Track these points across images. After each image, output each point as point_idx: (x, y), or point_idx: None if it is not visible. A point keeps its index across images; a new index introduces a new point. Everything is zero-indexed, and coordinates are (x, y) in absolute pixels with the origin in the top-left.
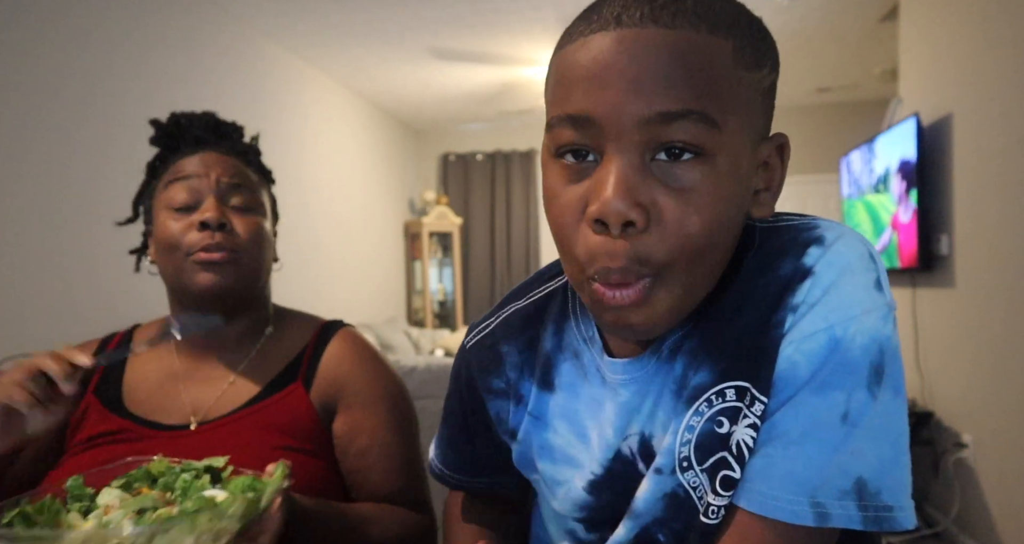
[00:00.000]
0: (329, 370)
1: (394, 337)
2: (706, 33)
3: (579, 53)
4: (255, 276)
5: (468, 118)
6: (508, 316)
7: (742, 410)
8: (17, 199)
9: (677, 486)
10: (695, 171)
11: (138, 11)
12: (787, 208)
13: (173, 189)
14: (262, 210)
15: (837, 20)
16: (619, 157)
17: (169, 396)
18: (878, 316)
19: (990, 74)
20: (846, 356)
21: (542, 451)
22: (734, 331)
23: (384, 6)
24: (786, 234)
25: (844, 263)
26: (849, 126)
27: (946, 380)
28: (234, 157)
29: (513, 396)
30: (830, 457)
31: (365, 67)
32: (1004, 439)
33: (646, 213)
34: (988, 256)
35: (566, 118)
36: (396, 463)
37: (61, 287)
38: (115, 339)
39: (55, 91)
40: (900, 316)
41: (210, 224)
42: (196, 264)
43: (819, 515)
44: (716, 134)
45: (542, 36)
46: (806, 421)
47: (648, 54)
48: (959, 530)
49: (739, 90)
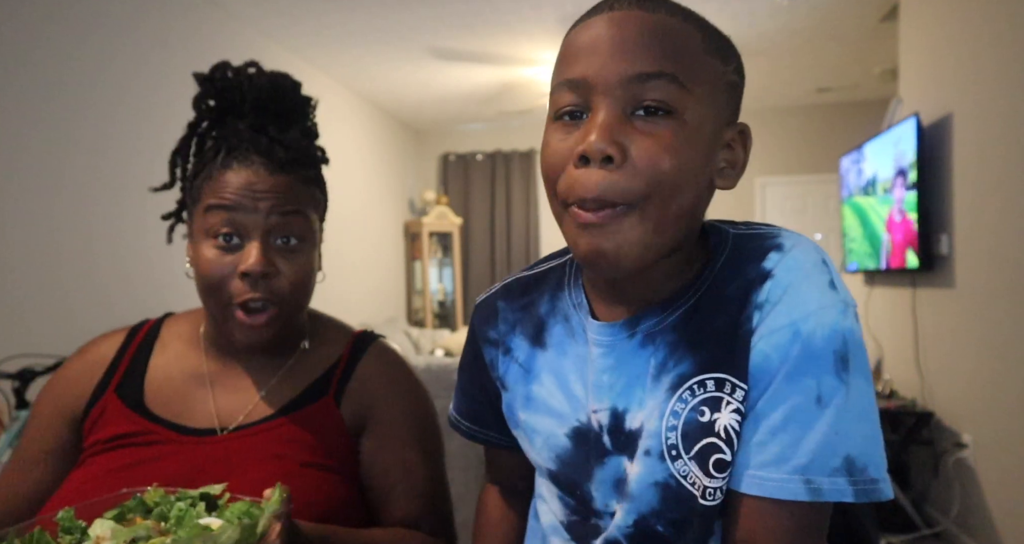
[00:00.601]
0: (361, 386)
1: (394, 337)
2: (680, 20)
3: (579, 33)
4: (297, 312)
5: (468, 118)
6: (510, 282)
7: (723, 399)
8: (17, 200)
9: (668, 476)
10: (667, 124)
11: (138, 11)
12: (787, 208)
13: (214, 217)
14: (311, 238)
15: (837, 20)
16: (604, 109)
17: (195, 399)
18: (836, 311)
19: (990, 74)
20: (810, 347)
21: (527, 402)
22: (712, 329)
23: (384, 6)
24: (753, 242)
25: (800, 267)
26: (849, 126)
27: (946, 380)
28: (286, 172)
29: (502, 347)
30: (813, 437)
31: (365, 67)
32: (1004, 439)
33: (623, 152)
34: (988, 256)
35: (565, 82)
36: (419, 483)
37: (61, 286)
38: (144, 328)
39: (55, 90)
40: (900, 316)
41: (252, 276)
42: (236, 321)
43: (812, 491)
44: (685, 96)
45: (542, 36)
46: (786, 407)
47: (632, 28)
48: (959, 530)
49: (706, 70)
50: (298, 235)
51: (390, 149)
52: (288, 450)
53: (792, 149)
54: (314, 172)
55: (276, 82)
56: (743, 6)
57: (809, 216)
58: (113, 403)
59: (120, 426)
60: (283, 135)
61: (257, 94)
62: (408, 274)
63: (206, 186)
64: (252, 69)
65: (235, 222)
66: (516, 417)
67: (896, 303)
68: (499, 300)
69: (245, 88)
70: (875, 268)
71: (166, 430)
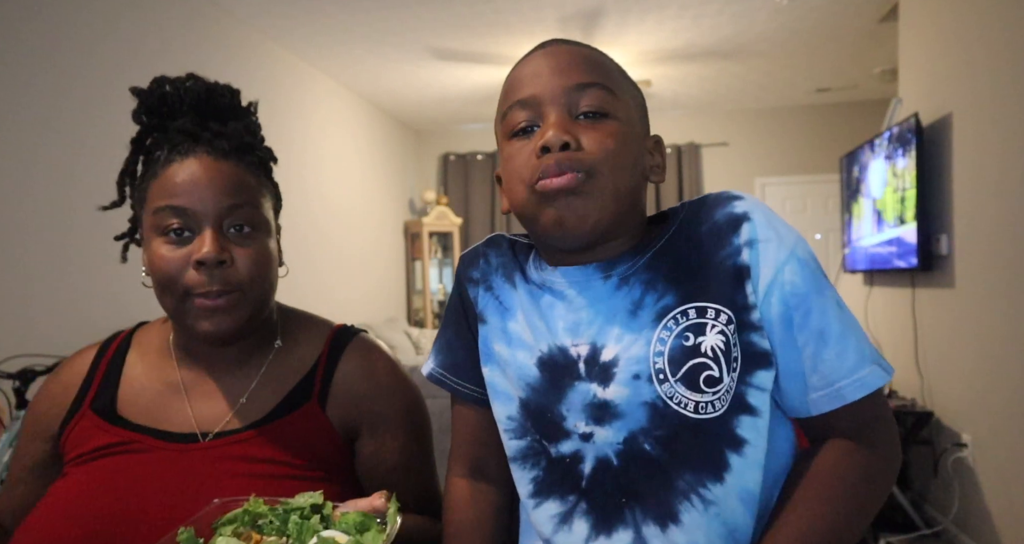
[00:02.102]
0: (346, 388)
1: (394, 337)
2: (600, 54)
3: (521, 67)
4: (262, 305)
5: (468, 118)
6: (495, 236)
7: (707, 324)
8: (21, 200)
9: (656, 397)
10: (606, 122)
11: (139, 12)
12: (787, 208)
13: (162, 214)
14: (265, 226)
15: (837, 20)
16: (554, 113)
17: (171, 407)
18: (802, 238)
19: (989, 74)
20: (810, 266)
21: (503, 334)
22: (688, 265)
23: (384, 6)
24: (709, 198)
25: (764, 210)
26: (849, 126)
27: (946, 380)
28: (232, 161)
29: (483, 283)
30: (859, 329)
31: (365, 67)
32: (1003, 439)
33: (577, 140)
34: (987, 256)
35: (516, 103)
36: (422, 477)
37: (62, 286)
38: (116, 341)
39: (54, 90)
40: (900, 316)
41: (206, 263)
42: (196, 310)
43: (885, 370)
44: (615, 101)
45: (542, 36)
46: (833, 315)
47: (565, 56)
48: (959, 530)
49: (625, 88)
50: (251, 223)
51: (390, 149)
52: (277, 457)
53: (792, 149)
54: (261, 162)
55: (213, 88)
56: (743, 6)
57: (809, 216)
58: (89, 417)
59: (100, 438)
60: (224, 128)
61: (195, 97)
62: (408, 274)
63: (153, 185)
64: (189, 81)
65: (184, 214)
66: (491, 350)
67: (895, 303)
68: (484, 246)
69: (182, 93)
70: None
71: (147, 437)
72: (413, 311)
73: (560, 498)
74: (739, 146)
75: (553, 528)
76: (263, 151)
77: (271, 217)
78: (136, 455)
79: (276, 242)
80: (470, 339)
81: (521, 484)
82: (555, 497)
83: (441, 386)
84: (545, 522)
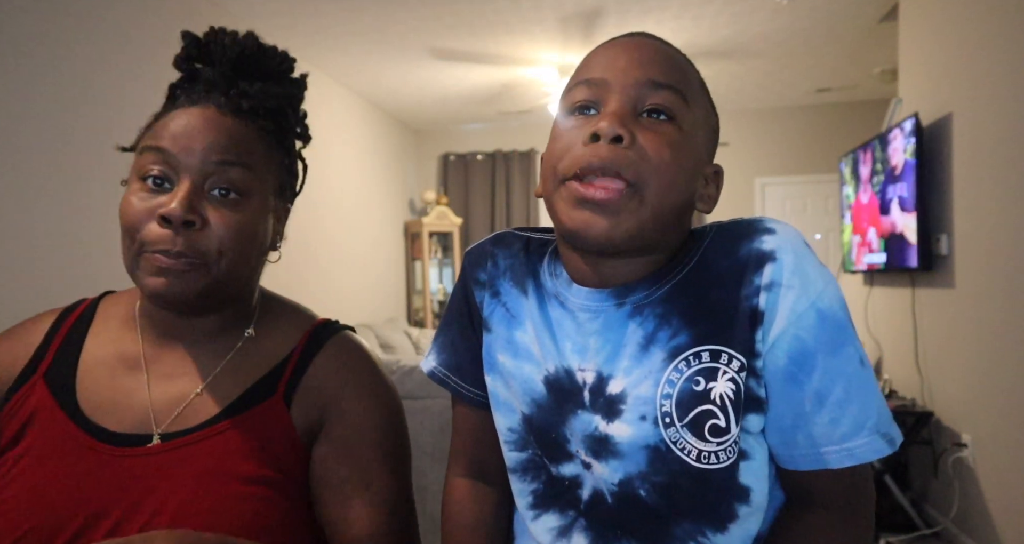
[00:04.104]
0: (315, 385)
1: (394, 337)
2: (686, 60)
3: (601, 49)
4: (229, 281)
5: (468, 118)
6: (503, 234)
7: (719, 369)
8: (21, 198)
9: (659, 441)
10: (669, 126)
11: (138, 11)
12: (787, 208)
13: (146, 157)
14: (257, 196)
15: (836, 20)
16: (616, 102)
17: (128, 388)
18: (833, 283)
19: (989, 74)
20: (835, 320)
21: (508, 345)
22: (708, 303)
23: (384, 7)
24: (739, 225)
25: (795, 249)
26: (849, 126)
27: (946, 380)
28: (241, 119)
29: (490, 288)
30: (873, 396)
31: (365, 67)
32: (1003, 439)
33: (631, 136)
34: (987, 256)
35: (584, 81)
36: (380, 498)
37: (63, 287)
38: (79, 309)
39: (53, 89)
40: (900, 316)
41: (171, 221)
42: (148, 265)
43: (890, 442)
44: (685, 109)
45: (542, 36)
46: (841, 379)
47: (648, 50)
48: (959, 530)
49: (701, 101)
50: (238, 188)
51: (390, 149)
52: (227, 463)
53: (792, 149)
54: (277, 130)
55: (263, 49)
56: (743, 6)
57: (809, 216)
58: (40, 393)
59: (45, 430)
60: (252, 87)
61: (238, 52)
62: (408, 274)
63: (153, 127)
64: (243, 37)
65: (167, 161)
66: (494, 359)
67: (896, 303)
68: (492, 246)
69: (226, 45)
70: None
71: (93, 440)
72: (413, 311)
73: (560, 512)
74: (739, 146)
75: (552, 539)
76: (289, 122)
77: (269, 190)
78: (78, 461)
79: (270, 221)
80: (474, 342)
81: (520, 496)
82: (555, 511)
83: (443, 386)
84: (544, 533)
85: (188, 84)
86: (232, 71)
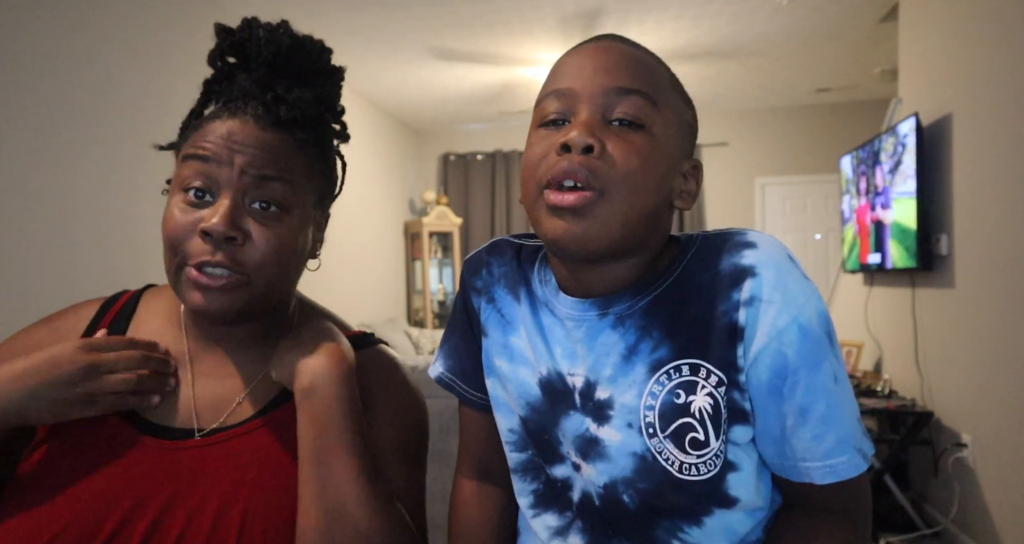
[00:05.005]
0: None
1: (394, 337)
2: (654, 59)
3: (567, 57)
4: (269, 294)
5: (468, 118)
6: (498, 241)
7: (698, 383)
8: (26, 198)
9: (645, 450)
10: (638, 134)
11: (138, 11)
12: (787, 208)
13: (188, 167)
14: (298, 210)
15: (836, 20)
16: (586, 112)
17: (174, 388)
18: (815, 298)
19: (989, 74)
20: (814, 336)
21: (504, 349)
22: (688, 317)
23: (384, 6)
24: (721, 238)
25: (777, 263)
26: (849, 126)
27: (946, 380)
28: (281, 132)
29: (486, 295)
30: (849, 413)
31: (365, 67)
32: (1003, 439)
33: (601, 145)
34: (987, 256)
35: (552, 92)
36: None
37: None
38: (120, 301)
39: (53, 89)
40: (900, 316)
41: (214, 236)
42: (189, 281)
43: (865, 457)
44: (654, 114)
45: (542, 36)
46: (823, 395)
47: (615, 55)
48: (959, 530)
49: (672, 101)
50: (279, 203)
51: (390, 149)
52: (266, 457)
53: (792, 149)
54: (317, 141)
55: (299, 45)
56: (743, 7)
57: (809, 216)
58: None
59: (88, 420)
60: (289, 94)
61: (275, 49)
62: (408, 274)
63: (192, 136)
64: (278, 31)
65: (207, 174)
66: (492, 363)
67: (895, 303)
68: (487, 255)
69: (262, 44)
70: None
71: (136, 432)
72: (413, 311)
73: (558, 513)
74: (739, 146)
75: (550, 536)
76: (328, 128)
77: (309, 202)
78: (122, 451)
79: (310, 232)
80: (475, 347)
81: (522, 495)
82: (553, 511)
83: (450, 391)
84: (543, 532)
85: (223, 85)
86: (268, 74)
